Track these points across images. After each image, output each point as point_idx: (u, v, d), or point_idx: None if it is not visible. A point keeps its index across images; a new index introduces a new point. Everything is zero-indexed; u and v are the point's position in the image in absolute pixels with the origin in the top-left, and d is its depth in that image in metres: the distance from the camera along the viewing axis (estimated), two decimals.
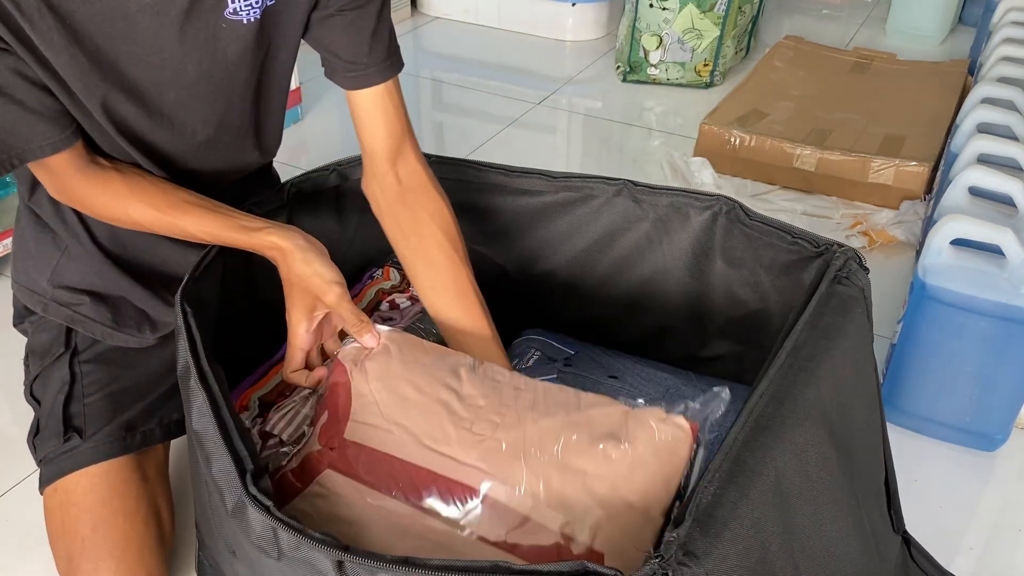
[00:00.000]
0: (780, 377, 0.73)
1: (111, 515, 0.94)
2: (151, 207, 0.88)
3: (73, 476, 0.95)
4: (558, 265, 1.09)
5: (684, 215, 0.99)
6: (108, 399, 0.99)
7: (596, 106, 2.51)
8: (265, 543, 0.66)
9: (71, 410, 0.98)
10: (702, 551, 0.59)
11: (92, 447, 0.96)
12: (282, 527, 0.64)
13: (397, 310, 1.06)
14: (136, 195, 0.88)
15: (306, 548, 0.63)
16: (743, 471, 0.65)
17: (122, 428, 0.98)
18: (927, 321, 1.26)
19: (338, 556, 0.62)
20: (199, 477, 0.79)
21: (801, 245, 0.92)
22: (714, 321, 1.04)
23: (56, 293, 1.00)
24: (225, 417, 0.72)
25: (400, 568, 0.60)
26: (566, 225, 1.06)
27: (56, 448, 0.96)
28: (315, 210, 1.04)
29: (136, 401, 1.00)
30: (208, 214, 0.88)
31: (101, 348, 1.01)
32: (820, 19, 3.10)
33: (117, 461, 0.96)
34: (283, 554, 0.66)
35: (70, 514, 0.94)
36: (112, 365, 1.01)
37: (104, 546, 0.93)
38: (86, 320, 1.01)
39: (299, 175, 1.02)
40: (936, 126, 2.06)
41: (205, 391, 0.74)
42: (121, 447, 0.97)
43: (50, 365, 1.01)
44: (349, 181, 1.06)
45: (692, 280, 1.03)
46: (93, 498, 0.94)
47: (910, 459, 1.29)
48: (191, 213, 0.88)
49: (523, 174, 1.05)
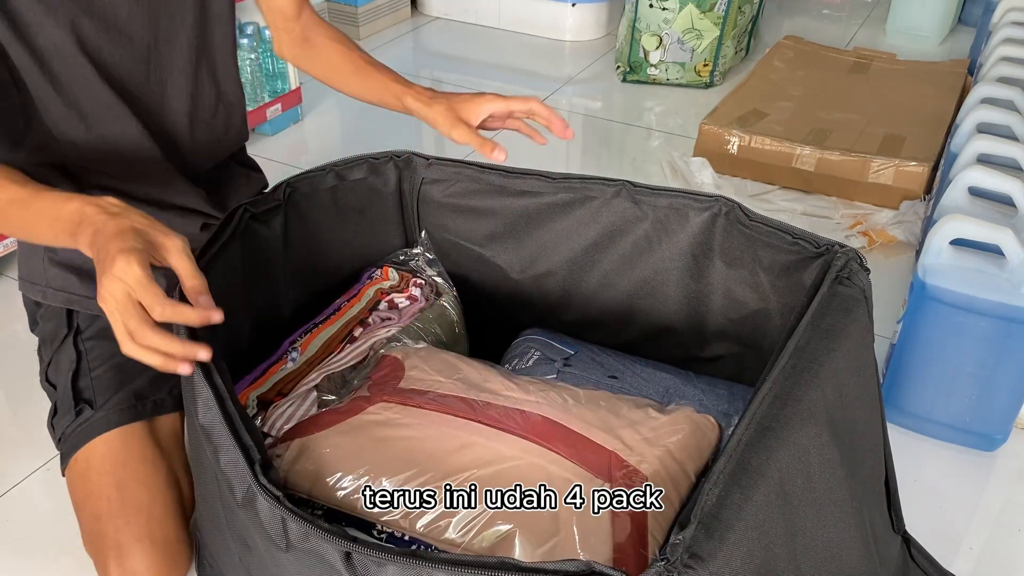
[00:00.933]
0: (783, 378, 0.73)
1: (133, 476, 0.96)
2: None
3: (91, 444, 0.97)
4: (557, 266, 1.09)
5: (683, 216, 0.99)
6: (114, 370, 1.01)
7: (596, 106, 2.51)
8: (274, 533, 0.66)
9: (80, 384, 1.01)
10: (707, 554, 0.59)
11: (104, 416, 0.98)
12: (292, 517, 0.64)
13: (396, 310, 1.07)
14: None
15: (314, 539, 0.63)
16: (747, 473, 0.65)
17: (132, 396, 1.00)
18: (927, 321, 1.26)
19: (346, 547, 0.62)
20: (205, 471, 0.80)
21: (801, 245, 0.92)
22: (714, 322, 1.04)
23: (51, 277, 1.03)
24: (231, 410, 0.73)
25: (407, 560, 0.60)
26: (565, 226, 1.06)
27: (71, 422, 0.99)
28: (312, 210, 1.04)
29: (142, 371, 1.02)
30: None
31: (102, 324, 1.04)
32: (820, 19, 3.10)
33: (132, 428, 0.98)
34: (292, 545, 0.66)
35: (92, 479, 0.96)
36: (114, 339, 1.02)
37: (131, 504, 0.95)
38: (82, 299, 1.04)
39: (295, 175, 1.02)
40: (936, 126, 2.06)
41: (211, 386, 0.74)
42: (132, 414, 0.99)
43: (58, 349, 1.05)
44: (346, 181, 1.06)
45: (692, 281, 1.03)
46: (113, 460, 0.96)
47: (910, 459, 1.29)
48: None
49: (522, 175, 1.05)
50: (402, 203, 1.11)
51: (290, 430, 0.85)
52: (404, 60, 2.76)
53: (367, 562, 0.62)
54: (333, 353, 0.98)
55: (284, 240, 1.01)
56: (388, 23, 3.00)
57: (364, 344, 0.99)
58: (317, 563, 0.65)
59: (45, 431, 1.08)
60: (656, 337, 1.08)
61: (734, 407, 0.95)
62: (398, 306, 1.07)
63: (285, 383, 0.95)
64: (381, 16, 2.96)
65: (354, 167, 1.07)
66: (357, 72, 1.14)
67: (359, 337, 1.00)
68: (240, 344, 0.97)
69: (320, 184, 1.04)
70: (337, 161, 1.06)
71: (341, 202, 1.07)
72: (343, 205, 1.08)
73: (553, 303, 1.11)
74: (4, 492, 1.25)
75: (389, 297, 1.07)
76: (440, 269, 1.12)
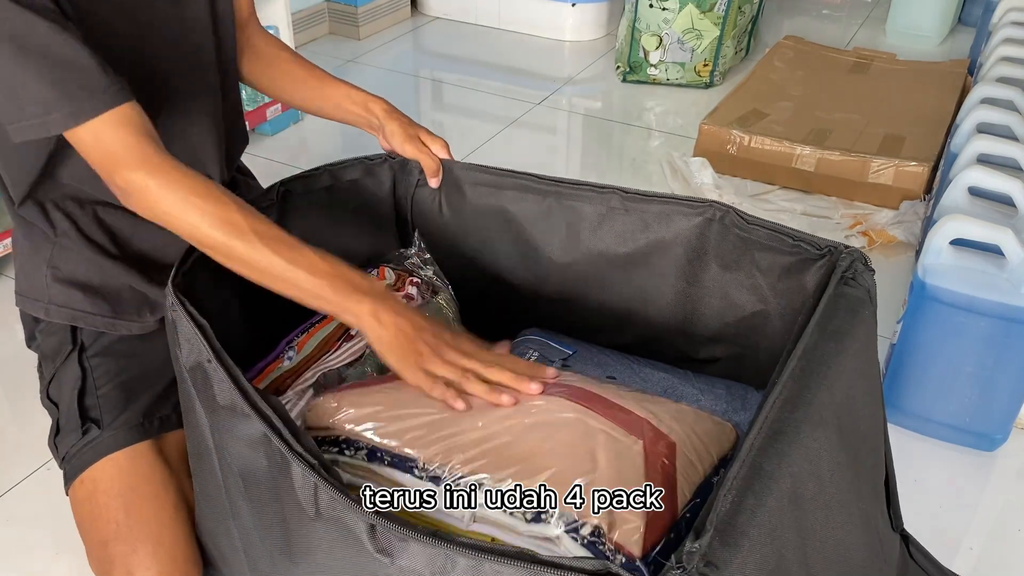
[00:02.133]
0: (793, 381, 0.73)
1: (141, 500, 0.94)
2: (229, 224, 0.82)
3: (98, 465, 0.95)
4: (550, 271, 1.09)
5: (675, 222, 0.99)
6: (121, 388, 1.00)
7: (596, 106, 2.51)
8: (305, 500, 0.67)
9: (86, 403, 0.99)
10: (722, 561, 0.59)
11: (112, 435, 0.97)
12: (324, 485, 0.65)
13: None
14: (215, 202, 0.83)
15: (341, 508, 0.64)
16: (760, 478, 0.65)
17: (139, 415, 0.99)
18: (927, 321, 1.26)
19: (371, 520, 0.63)
20: (207, 466, 0.80)
21: (802, 247, 0.91)
22: (710, 325, 1.04)
23: (54, 293, 1.01)
24: (250, 388, 0.73)
25: (429, 540, 0.61)
26: (556, 231, 1.06)
27: (77, 442, 0.97)
28: (306, 211, 1.04)
29: (148, 388, 1.00)
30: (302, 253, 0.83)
31: (107, 341, 1.02)
32: (820, 19, 3.10)
33: (140, 448, 0.97)
34: (320, 513, 0.67)
35: (99, 502, 0.95)
36: (119, 356, 1.02)
37: (139, 528, 0.93)
38: (86, 315, 1.01)
39: (289, 176, 1.02)
40: (936, 126, 2.06)
41: (226, 369, 0.74)
42: (140, 433, 0.98)
43: (61, 365, 1.02)
44: (341, 182, 1.06)
45: (687, 284, 1.02)
46: (121, 483, 0.95)
47: (910, 459, 1.29)
48: (284, 249, 0.83)
49: (515, 176, 1.05)
50: (397, 204, 1.12)
51: (337, 388, 0.87)
52: (404, 60, 2.76)
53: (391, 536, 0.63)
54: (330, 351, 0.98)
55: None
56: (388, 23, 3.00)
57: (360, 342, 0.99)
58: (343, 534, 0.66)
59: (45, 431, 1.08)
60: (653, 340, 1.08)
61: (732, 406, 0.95)
62: None
63: (281, 381, 0.95)
64: (381, 16, 2.96)
65: (348, 168, 1.07)
66: (313, 79, 1.12)
67: (356, 335, 1.00)
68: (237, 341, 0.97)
69: (314, 185, 1.04)
70: (333, 162, 1.06)
71: (337, 203, 1.07)
72: (338, 206, 1.08)
73: (548, 307, 1.11)
74: (4, 492, 1.25)
75: None
76: (435, 268, 1.12)
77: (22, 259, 1.04)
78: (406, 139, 1.05)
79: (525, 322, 1.11)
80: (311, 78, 1.12)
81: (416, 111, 2.46)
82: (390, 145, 1.07)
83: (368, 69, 2.66)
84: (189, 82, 0.99)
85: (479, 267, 1.12)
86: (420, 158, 1.06)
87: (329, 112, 1.11)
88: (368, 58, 2.74)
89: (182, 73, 0.98)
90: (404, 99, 2.50)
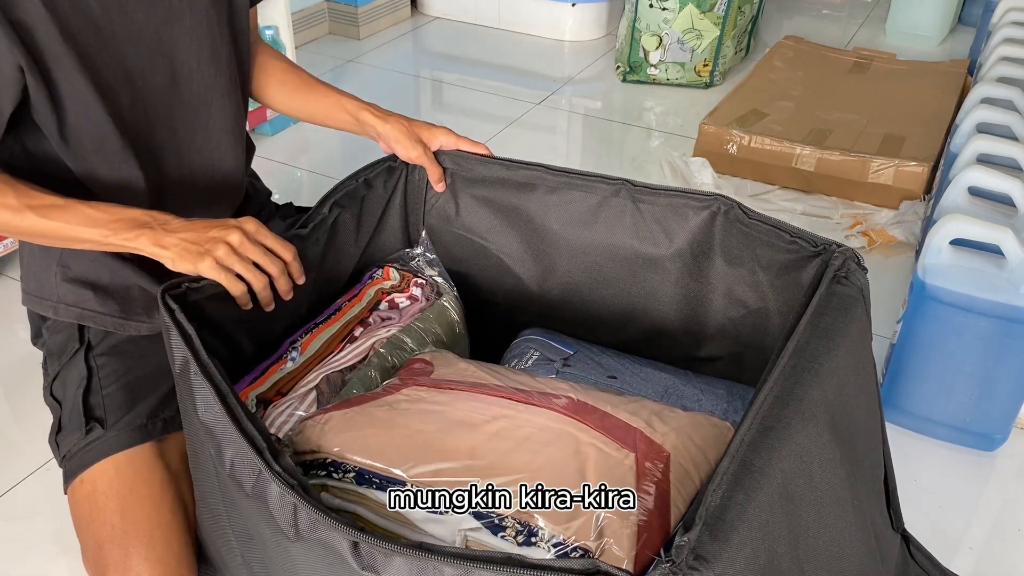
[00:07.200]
0: (784, 378, 0.74)
1: (138, 502, 0.94)
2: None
3: (99, 466, 0.96)
4: (556, 263, 1.09)
5: (683, 215, 0.99)
6: (126, 389, 1.00)
7: (596, 106, 2.51)
8: (284, 523, 0.66)
9: (91, 402, 0.99)
10: (712, 555, 0.59)
11: (115, 436, 0.97)
12: (303, 504, 0.65)
13: (396, 310, 1.07)
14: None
15: (323, 528, 0.64)
16: (750, 474, 0.66)
17: (143, 416, 0.99)
18: (927, 321, 1.26)
19: (354, 537, 0.62)
20: (206, 469, 0.80)
21: (799, 244, 0.92)
22: (714, 322, 1.04)
23: (63, 292, 1.01)
24: (233, 404, 0.73)
25: (414, 553, 0.61)
26: (564, 222, 1.06)
27: (79, 441, 0.97)
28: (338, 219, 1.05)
29: (153, 389, 1.01)
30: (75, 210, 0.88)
31: (114, 340, 1.02)
32: (820, 19, 3.10)
33: (141, 449, 0.97)
34: (300, 535, 0.66)
35: (98, 503, 0.95)
36: (126, 356, 1.02)
37: (134, 532, 0.93)
38: (95, 315, 1.02)
39: (341, 193, 1.03)
40: (936, 126, 2.06)
41: (210, 382, 0.74)
42: (143, 434, 0.98)
43: (67, 363, 1.03)
44: (373, 188, 1.08)
45: (692, 280, 1.03)
46: (120, 485, 0.95)
47: (910, 459, 1.29)
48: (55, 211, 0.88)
49: (525, 167, 1.05)
50: (406, 203, 1.12)
51: (323, 408, 0.87)
52: (404, 60, 2.76)
53: (375, 552, 0.62)
54: (333, 353, 0.98)
55: (323, 254, 1.02)
56: (388, 23, 3.00)
57: (364, 344, 0.99)
58: (325, 553, 0.65)
59: (46, 431, 1.08)
60: (655, 337, 1.08)
61: (733, 406, 0.95)
62: (399, 306, 1.07)
63: (284, 383, 0.95)
64: (381, 16, 2.96)
65: (376, 174, 1.08)
66: (305, 87, 1.13)
67: (359, 337, 1.00)
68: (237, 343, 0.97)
69: (357, 194, 1.05)
70: (360, 170, 1.07)
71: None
72: (347, 208, 1.08)
73: (553, 301, 1.11)
74: (4, 492, 1.25)
75: (390, 297, 1.07)
76: (441, 269, 1.12)
77: (31, 258, 1.04)
78: (410, 146, 1.06)
79: (530, 319, 1.11)
80: (304, 87, 1.14)
81: (416, 111, 2.46)
82: (394, 152, 1.08)
83: (368, 69, 2.67)
84: (220, 99, 1.02)
85: (487, 259, 1.12)
86: (425, 164, 1.07)
87: (322, 120, 1.13)
88: (368, 58, 2.74)
89: (211, 90, 1.01)
90: (404, 99, 2.50)
